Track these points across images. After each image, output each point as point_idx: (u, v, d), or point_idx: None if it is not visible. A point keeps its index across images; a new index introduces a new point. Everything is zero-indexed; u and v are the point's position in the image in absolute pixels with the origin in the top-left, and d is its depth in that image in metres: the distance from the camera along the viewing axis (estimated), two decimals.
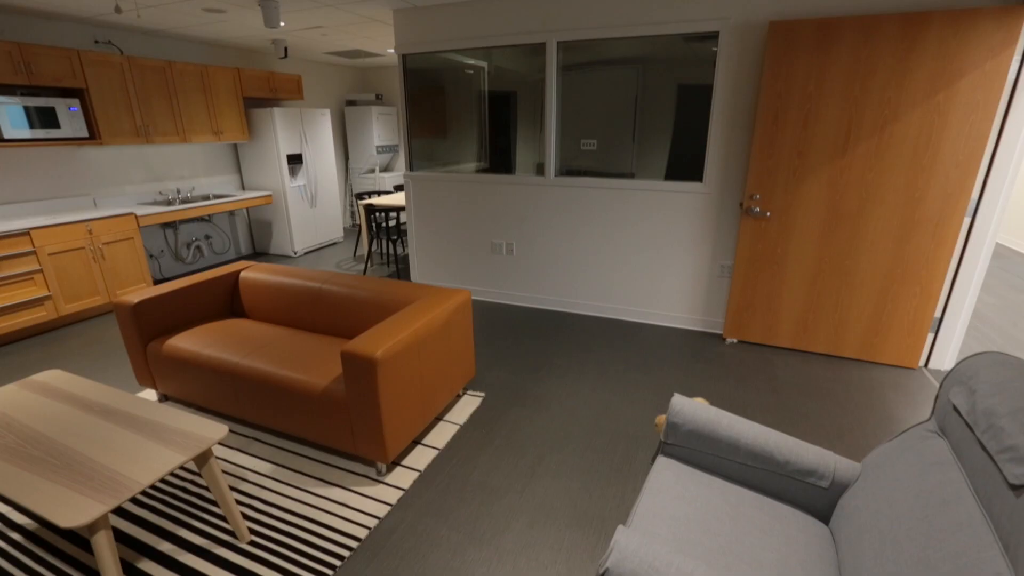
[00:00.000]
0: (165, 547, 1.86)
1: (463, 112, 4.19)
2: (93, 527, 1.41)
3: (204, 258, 5.65)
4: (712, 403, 2.71)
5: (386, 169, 7.56)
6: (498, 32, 3.69)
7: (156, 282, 5.07)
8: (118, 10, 2.74)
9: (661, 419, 1.85)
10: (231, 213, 5.92)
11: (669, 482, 1.55)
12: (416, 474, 2.21)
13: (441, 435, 2.48)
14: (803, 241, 3.13)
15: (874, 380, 3.01)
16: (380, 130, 7.05)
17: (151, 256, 5.10)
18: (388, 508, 2.02)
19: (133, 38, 4.71)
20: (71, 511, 1.37)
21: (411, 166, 4.35)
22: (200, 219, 5.54)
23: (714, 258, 3.56)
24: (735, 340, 3.53)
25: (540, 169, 3.98)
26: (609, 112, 3.65)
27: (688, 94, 3.40)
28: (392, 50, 5.84)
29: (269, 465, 2.29)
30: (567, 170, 3.86)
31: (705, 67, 3.28)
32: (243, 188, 6.03)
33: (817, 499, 1.48)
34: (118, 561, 1.48)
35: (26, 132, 3.77)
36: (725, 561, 1.27)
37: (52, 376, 2.13)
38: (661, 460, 1.67)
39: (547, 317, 4.01)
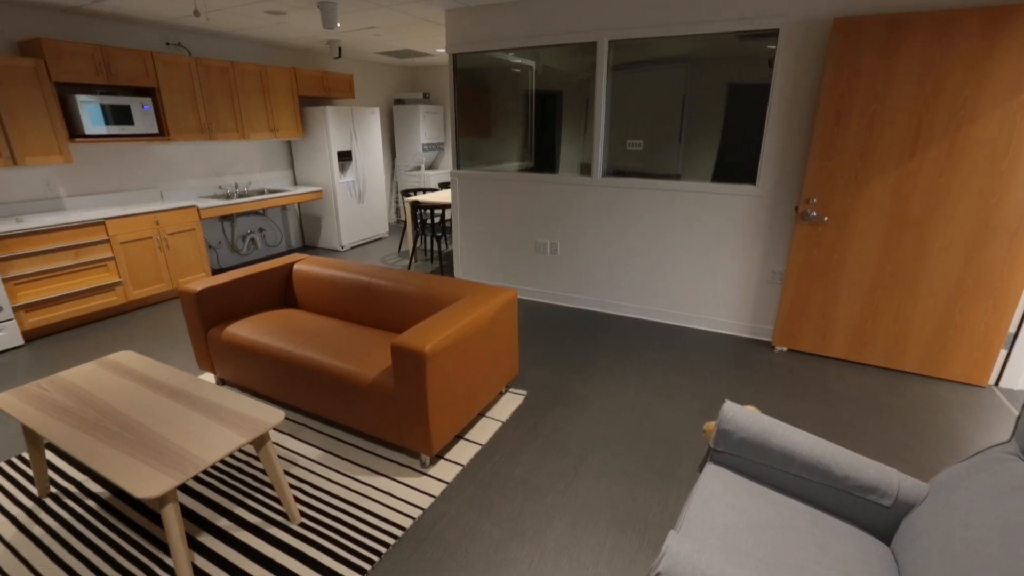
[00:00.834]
0: (223, 523, 1.96)
1: (510, 111, 4.21)
2: (163, 499, 1.50)
3: (257, 250, 5.90)
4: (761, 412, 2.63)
5: (431, 167, 7.68)
6: (549, 31, 3.69)
7: (213, 272, 5.33)
8: (196, 13, 2.90)
9: (710, 425, 1.81)
10: (283, 207, 6.16)
11: (719, 490, 1.51)
12: (459, 468, 2.24)
13: (484, 431, 2.51)
14: (863, 247, 2.98)
15: (938, 397, 2.84)
16: (426, 128, 7.17)
17: (209, 247, 5.36)
18: (431, 500, 2.06)
19: (200, 40, 4.97)
20: (145, 483, 1.46)
21: (458, 164, 4.40)
22: (255, 212, 5.79)
23: (764, 263, 3.45)
24: (784, 348, 3.41)
25: (584, 169, 3.96)
26: (656, 112, 3.60)
27: (739, 94, 3.31)
28: (442, 50, 5.93)
29: (318, 451, 2.37)
30: (613, 170, 3.83)
31: (759, 66, 3.18)
32: (295, 183, 6.26)
33: (878, 518, 1.42)
34: (184, 532, 1.57)
35: (104, 128, 4.03)
36: (779, 575, 1.24)
37: (125, 356, 2.28)
38: (710, 467, 1.64)
39: (590, 318, 3.99)
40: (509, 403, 2.76)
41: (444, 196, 5.48)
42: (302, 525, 1.94)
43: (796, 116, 3.12)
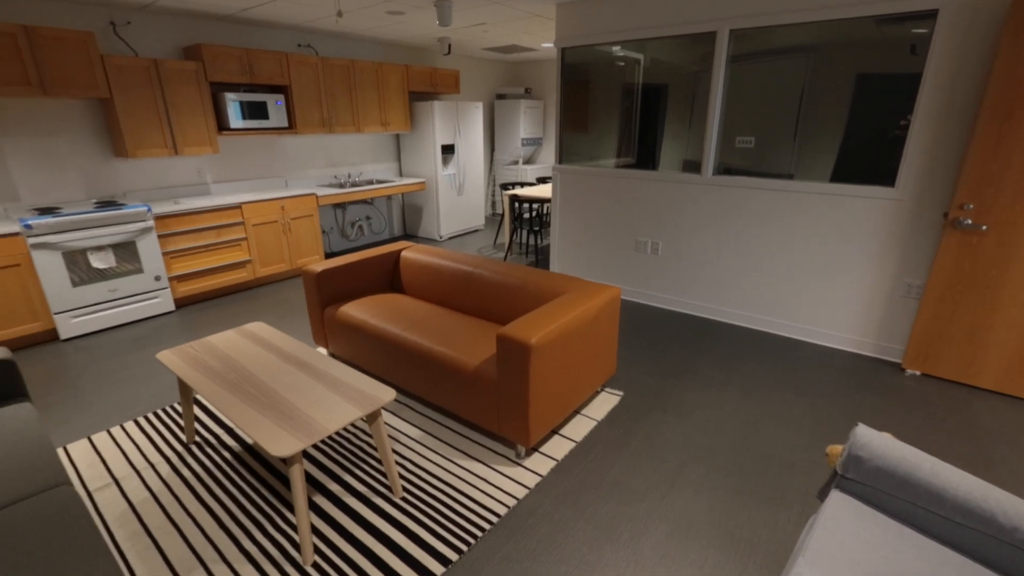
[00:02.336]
0: (334, 487, 2.12)
1: (613, 105, 4.11)
2: (291, 460, 1.65)
3: (364, 236, 6.31)
4: None
5: (528, 161, 7.74)
6: (663, 22, 3.54)
7: (326, 255, 5.77)
8: (340, 14, 3.14)
9: (835, 449, 1.65)
10: (389, 197, 6.52)
11: (847, 521, 1.38)
12: (553, 463, 2.24)
13: (578, 428, 2.49)
14: None
15: None
16: (526, 123, 7.23)
17: (323, 232, 5.81)
18: (526, 491, 2.08)
19: (326, 41, 5.37)
20: (278, 443, 1.61)
21: (560, 159, 4.39)
22: (364, 201, 6.19)
23: (898, 274, 3.08)
24: (917, 372, 3.03)
25: (688, 166, 3.77)
26: (770, 107, 3.34)
27: (870, 85, 2.97)
28: (548, 44, 5.93)
29: (418, 431, 2.49)
30: (722, 168, 3.61)
31: (898, 53, 2.83)
32: (400, 175, 6.59)
33: None
34: (305, 491, 1.72)
35: (244, 123, 4.50)
36: None
37: (258, 327, 2.53)
38: (836, 496, 1.50)
39: (690, 322, 3.81)
40: (605, 403, 2.71)
41: (542, 191, 5.49)
42: (403, 499, 2.05)
43: (952, 110, 2.74)
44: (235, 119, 4.43)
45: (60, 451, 2.37)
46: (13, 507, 1.44)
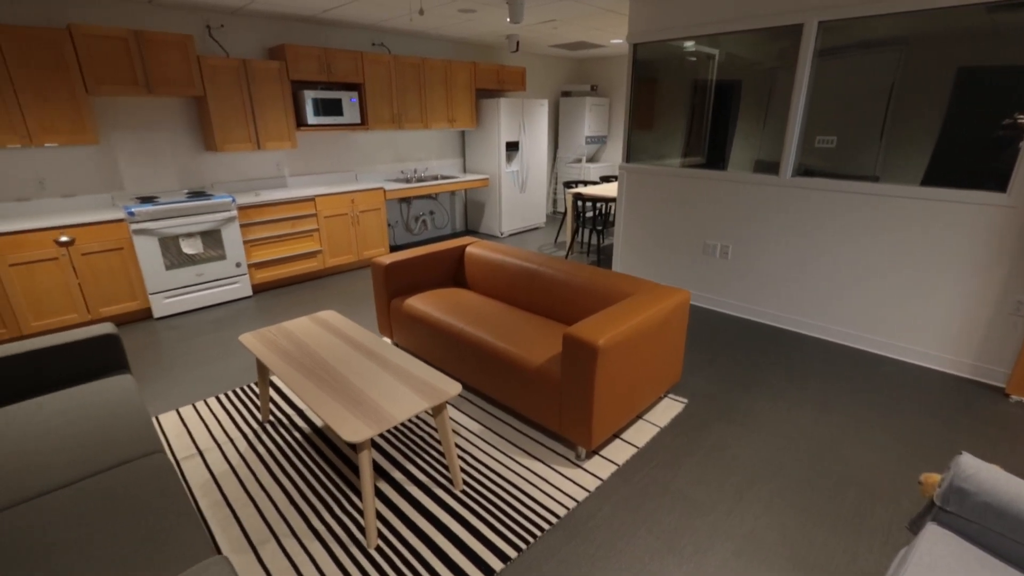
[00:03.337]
0: (396, 475, 2.18)
1: (685, 103, 3.96)
2: (361, 445, 1.70)
3: (427, 231, 6.45)
4: None
5: (592, 159, 7.64)
6: (744, 15, 3.37)
7: (390, 248, 5.94)
8: (421, 12, 3.22)
9: (931, 478, 1.51)
10: (452, 193, 6.63)
11: (947, 560, 1.25)
12: (614, 467, 2.20)
13: (640, 434, 2.42)
14: None
15: None
16: (591, 121, 7.13)
17: (389, 225, 5.99)
18: (586, 494, 2.05)
19: (398, 39, 5.52)
20: (349, 428, 1.67)
21: (628, 157, 4.29)
22: (428, 196, 6.32)
23: (1006, 290, 2.79)
24: None
25: (760, 166, 3.59)
26: (854, 104, 3.10)
27: (974, 79, 2.69)
28: (618, 40, 5.82)
29: (478, 425, 2.51)
30: (802, 169, 3.40)
31: (1012, 43, 2.54)
32: (464, 171, 6.68)
33: None
34: (372, 476, 1.77)
35: (320, 119, 4.71)
36: None
37: (330, 315, 2.64)
38: (932, 529, 1.37)
39: (762, 331, 3.62)
40: (668, 409, 2.63)
41: (607, 189, 5.40)
42: (463, 492, 2.07)
43: None
44: (312, 115, 4.64)
45: (153, 420, 2.57)
46: (117, 469, 1.57)
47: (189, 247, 3.96)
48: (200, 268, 4.06)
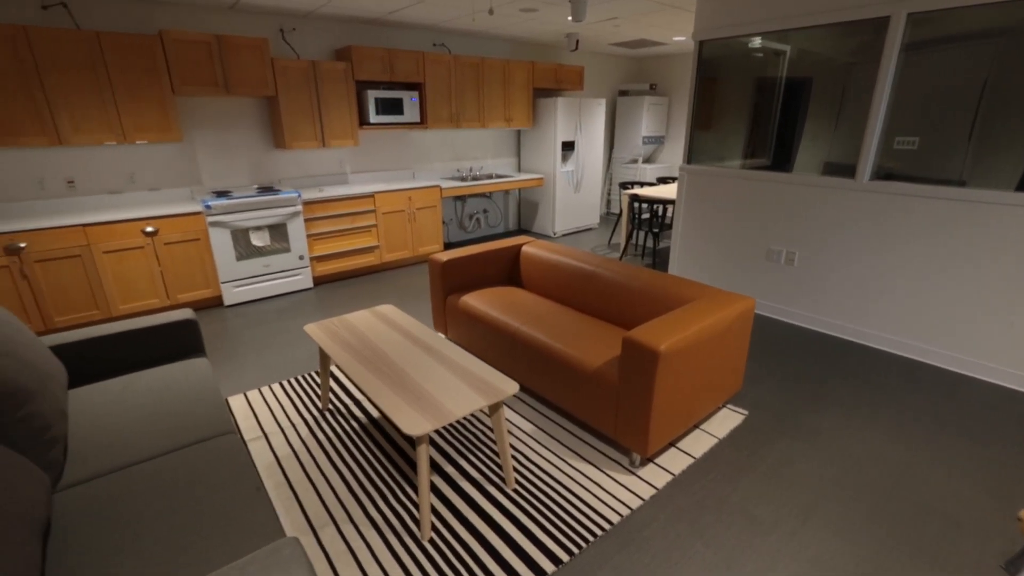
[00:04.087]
0: (449, 470, 2.20)
1: (751, 102, 3.80)
2: (420, 439, 1.73)
3: (480, 229, 6.51)
4: None
5: (648, 160, 7.47)
6: (824, 8, 3.19)
7: (444, 246, 6.04)
8: (491, 12, 3.27)
9: None
10: (506, 192, 6.66)
11: None
12: (670, 476, 2.13)
13: (697, 444, 2.34)
14: None
15: None
16: (649, 120, 6.98)
17: (443, 222, 6.09)
18: (640, 502, 2.00)
19: (457, 39, 5.60)
20: (410, 422, 1.70)
21: (689, 158, 4.17)
22: (483, 195, 6.38)
23: None
24: None
25: (828, 168, 3.39)
26: (940, 102, 2.86)
27: None
28: (681, 38, 5.66)
29: (531, 425, 2.51)
30: (882, 172, 3.18)
31: None
32: (519, 170, 6.70)
33: None
34: (429, 470, 1.80)
35: (381, 118, 4.84)
36: None
37: (389, 309, 2.71)
38: None
39: (829, 343, 3.43)
40: (727, 420, 2.53)
41: (664, 191, 5.27)
42: (515, 491, 2.07)
43: None
44: (374, 114, 4.78)
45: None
46: (196, 446, 1.67)
47: (258, 239, 4.17)
48: (267, 259, 4.27)
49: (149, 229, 3.67)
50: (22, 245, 3.26)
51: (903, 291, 3.19)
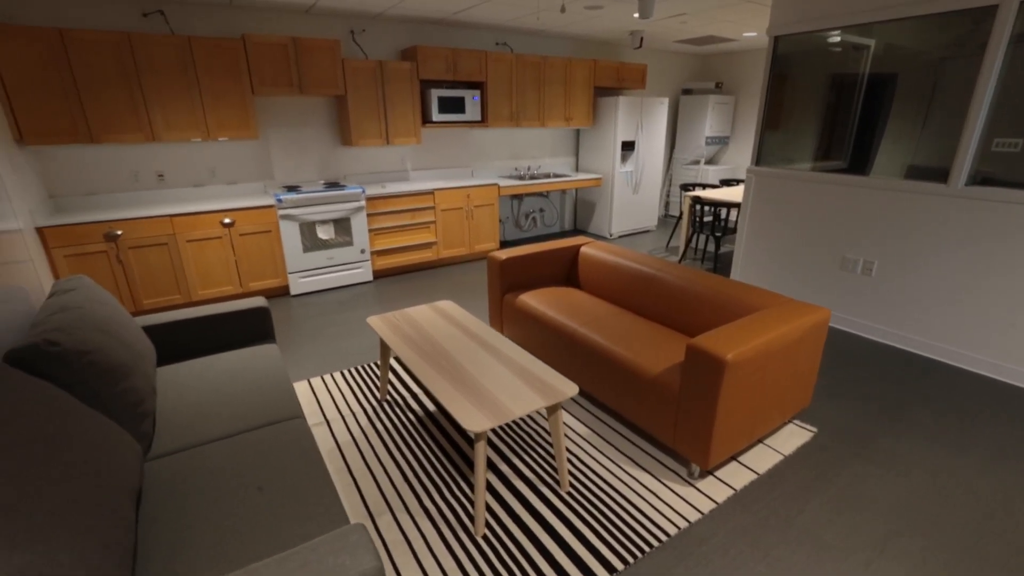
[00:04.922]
0: (503, 468, 2.21)
1: (828, 101, 3.57)
2: (479, 436, 1.75)
3: (536, 228, 6.50)
4: None
5: (710, 161, 7.22)
6: None
7: (500, 244, 6.08)
8: (563, 9, 3.28)
9: None
10: (563, 191, 6.61)
11: None
12: (731, 491, 2.05)
13: (761, 459, 2.24)
14: None
15: None
16: (713, 120, 6.73)
17: (500, 221, 6.13)
18: (699, 516, 1.93)
19: (519, 38, 5.61)
20: (470, 418, 1.72)
21: (758, 160, 3.98)
22: (539, 194, 6.37)
23: None
24: None
25: (912, 172, 3.14)
26: None
27: None
28: (752, 33, 5.42)
29: (586, 429, 2.48)
30: (980, 178, 2.91)
31: None
32: (576, 170, 6.64)
33: None
34: (485, 467, 1.81)
35: (443, 116, 4.92)
36: None
37: (448, 305, 2.75)
38: None
39: (910, 360, 3.18)
40: (794, 436, 2.40)
41: (728, 193, 5.06)
42: (569, 494, 2.05)
43: None
44: (436, 113, 4.87)
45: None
46: (268, 428, 1.76)
47: (323, 233, 4.35)
48: (331, 252, 4.44)
49: (227, 220, 3.91)
50: (119, 232, 3.56)
51: (997, 306, 2.91)
